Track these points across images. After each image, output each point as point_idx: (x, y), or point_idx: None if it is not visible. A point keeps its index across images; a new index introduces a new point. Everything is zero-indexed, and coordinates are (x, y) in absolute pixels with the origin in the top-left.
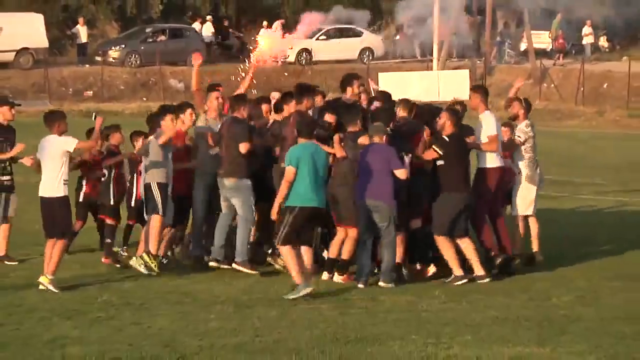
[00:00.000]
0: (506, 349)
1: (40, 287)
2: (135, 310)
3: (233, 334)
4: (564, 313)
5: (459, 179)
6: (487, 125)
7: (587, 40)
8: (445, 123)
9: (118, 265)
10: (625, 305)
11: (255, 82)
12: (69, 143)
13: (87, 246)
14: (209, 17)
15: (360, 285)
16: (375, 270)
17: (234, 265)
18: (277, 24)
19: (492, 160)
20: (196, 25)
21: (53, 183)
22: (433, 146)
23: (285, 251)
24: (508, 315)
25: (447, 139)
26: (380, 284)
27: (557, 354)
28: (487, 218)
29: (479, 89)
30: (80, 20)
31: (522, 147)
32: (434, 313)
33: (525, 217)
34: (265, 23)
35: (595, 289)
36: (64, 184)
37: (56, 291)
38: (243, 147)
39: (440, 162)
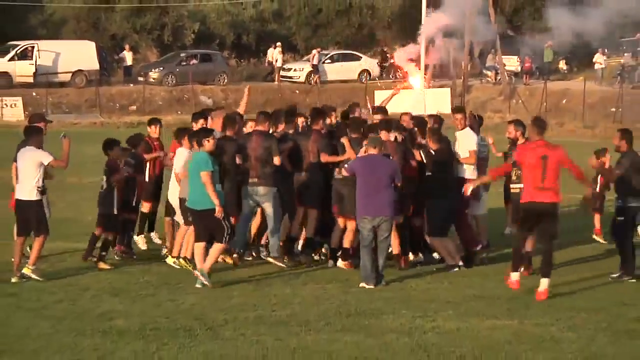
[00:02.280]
0: (481, 322)
1: (25, 274)
2: (171, 289)
3: (253, 309)
4: (529, 291)
5: (443, 187)
6: (469, 141)
7: (598, 66)
8: (429, 141)
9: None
10: (581, 285)
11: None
12: (45, 157)
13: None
14: (278, 44)
15: (371, 286)
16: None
17: (269, 258)
18: (315, 52)
19: (470, 173)
20: (270, 51)
21: (28, 188)
22: (420, 151)
23: (195, 247)
24: (483, 294)
25: (432, 152)
26: (378, 285)
27: (524, 325)
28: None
29: (461, 109)
30: (127, 46)
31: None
32: (421, 292)
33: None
34: (279, 43)
35: (556, 272)
36: (38, 190)
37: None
38: (276, 160)
39: (428, 173)
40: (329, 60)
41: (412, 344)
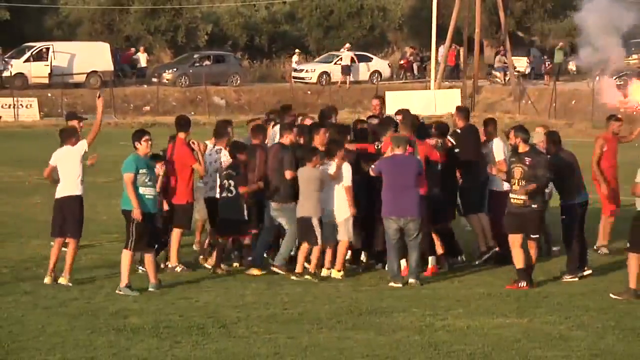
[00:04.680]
0: (491, 320)
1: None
2: (185, 287)
3: (265, 307)
4: (538, 290)
5: (472, 163)
6: (497, 151)
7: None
8: (455, 119)
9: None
10: (588, 284)
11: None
12: (83, 146)
13: None
14: (347, 46)
15: (399, 285)
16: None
17: (272, 267)
18: (349, 53)
19: (500, 183)
20: (345, 52)
21: (71, 184)
22: (448, 137)
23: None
24: (492, 292)
25: (459, 131)
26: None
27: (533, 324)
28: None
29: (491, 121)
30: (141, 48)
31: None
32: (431, 290)
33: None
34: (297, 51)
35: (563, 271)
36: (81, 183)
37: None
38: (288, 174)
39: (456, 150)
40: (340, 62)
41: (422, 341)
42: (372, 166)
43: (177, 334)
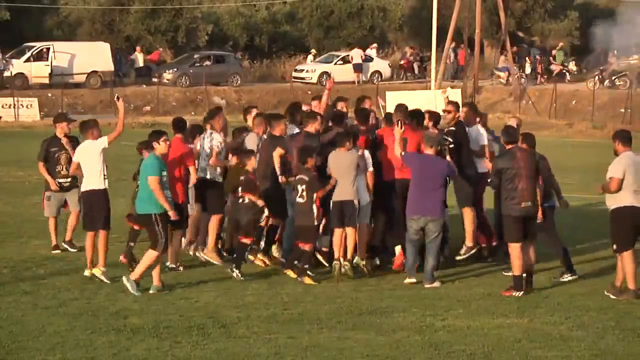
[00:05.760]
0: (491, 320)
1: (91, 275)
2: (185, 288)
3: (266, 307)
4: (538, 290)
5: (467, 159)
6: (480, 137)
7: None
8: (452, 117)
9: None
10: (588, 284)
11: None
12: (103, 141)
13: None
14: (374, 46)
15: (413, 280)
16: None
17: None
18: (358, 51)
19: (482, 167)
20: (355, 50)
21: (94, 178)
22: (444, 136)
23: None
24: (492, 292)
25: (453, 128)
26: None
27: (533, 324)
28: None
29: (470, 105)
30: (138, 48)
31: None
32: (431, 290)
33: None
34: (313, 51)
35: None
36: (105, 178)
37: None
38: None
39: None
40: (340, 62)
41: (422, 341)
42: (402, 152)
43: (177, 334)
